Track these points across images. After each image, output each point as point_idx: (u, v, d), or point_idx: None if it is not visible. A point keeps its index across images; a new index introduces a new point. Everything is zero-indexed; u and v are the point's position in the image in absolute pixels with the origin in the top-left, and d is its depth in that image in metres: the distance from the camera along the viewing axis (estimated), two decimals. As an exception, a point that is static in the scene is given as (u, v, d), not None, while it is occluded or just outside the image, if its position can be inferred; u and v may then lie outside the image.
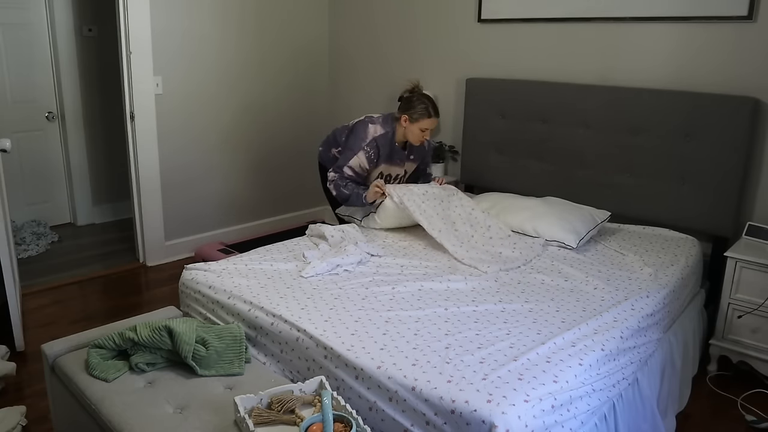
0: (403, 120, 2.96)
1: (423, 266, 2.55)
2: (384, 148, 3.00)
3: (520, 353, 1.83)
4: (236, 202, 4.47)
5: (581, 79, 3.39)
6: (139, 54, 3.72)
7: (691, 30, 3.00)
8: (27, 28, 4.45)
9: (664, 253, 2.76)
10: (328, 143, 3.28)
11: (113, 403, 1.76)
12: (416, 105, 2.92)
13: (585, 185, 3.34)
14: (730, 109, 2.83)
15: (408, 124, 2.95)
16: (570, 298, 2.26)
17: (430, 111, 2.92)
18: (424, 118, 2.92)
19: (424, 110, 2.91)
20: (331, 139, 3.27)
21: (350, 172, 2.99)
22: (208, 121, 4.18)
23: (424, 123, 2.92)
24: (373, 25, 4.41)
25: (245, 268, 2.48)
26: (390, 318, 2.05)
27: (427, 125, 2.93)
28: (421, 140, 3.00)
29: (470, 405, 1.57)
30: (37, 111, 4.62)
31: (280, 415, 1.65)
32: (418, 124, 2.93)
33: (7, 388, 2.62)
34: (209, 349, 1.94)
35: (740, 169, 2.85)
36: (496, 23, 3.72)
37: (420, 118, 2.92)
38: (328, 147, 3.26)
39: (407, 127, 2.96)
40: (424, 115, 2.91)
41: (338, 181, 2.98)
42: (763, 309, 2.65)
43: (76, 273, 3.90)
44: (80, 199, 4.85)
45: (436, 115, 2.94)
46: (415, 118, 2.92)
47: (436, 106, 2.95)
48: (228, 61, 4.19)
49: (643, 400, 2.15)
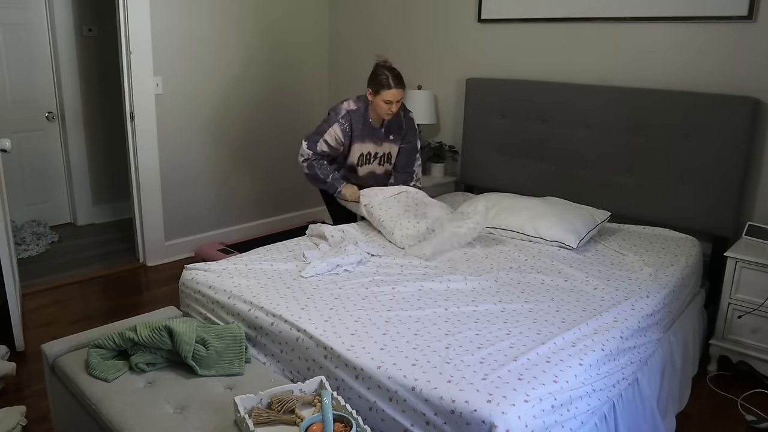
0: (368, 94, 2.98)
1: (423, 266, 2.55)
2: (357, 122, 2.99)
3: (520, 353, 1.83)
4: (236, 202, 4.47)
5: (581, 79, 3.40)
6: (139, 54, 3.72)
7: (691, 30, 3.01)
8: (27, 28, 4.45)
9: (664, 253, 2.76)
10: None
11: (113, 403, 1.76)
12: (378, 76, 2.93)
13: (585, 185, 3.34)
14: (730, 109, 2.83)
15: (373, 97, 2.96)
16: (570, 298, 2.26)
17: (390, 82, 2.90)
18: (384, 89, 2.91)
19: (384, 80, 2.90)
20: None
21: (325, 147, 2.96)
22: (208, 121, 4.18)
23: (386, 94, 2.91)
24: (373, 25, 4.41)
25: (245, 268, 2.48)
26: (390, 318, 2.05)
27: (389, 96, 2.91)
28: (388, 113, 2.97)
29: (470, 405, 1.57)
30: (37, 111, 4.62)
31: (280, 415, 1.65)
32: (380, 96, 2.93)
33: (7, 388, 2.62)
34: (209, 349, 1.94)
35: (740, 169, 2.85)
36: (496, 23, 3.72)
37: (381, 90, 2.91)
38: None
39: (373, 100, 2.97)
40: (384, 85, 2.90)
41: (312, 160, 2.96)
42: (763, 309, 2.65)
43: (76, 273, 3.90)
44: (80, 199, 4.86)
45: (397, 86, 2.91)
46: (377, 90, 2.93)
47: (399, 77, 2.93)
48: (228, 61, 4.19)
49: (643, 400, 2.15)
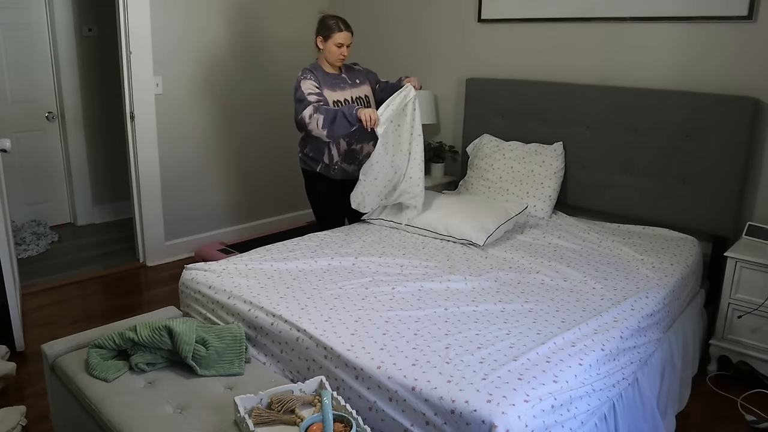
0: (319, 42, 3.04)
1: (423, 266, 2.55)
2: (318, 73, 3.02)
3: (520, 353, 1.83)
4: (236, 202, 4.47)
5: (581, 79, 3.40)
6: (139, 54, 3.72)
7: (691, 30, 3.01)
8: (27, 28, 4.45)
9: (664, 253, 2.76)
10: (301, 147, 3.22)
11: (113, 403, 1.76)
12: (327, 22, 3.01)
13: (585, 185, 3.34)
14: (730, 109, 2.83)
15: (324, 43, 3.02)
16: (570, 298, 2.26)
17: (340, 25, 2.99)
18: (335, 32, 2.98)
19: (334, 25, 2.99)
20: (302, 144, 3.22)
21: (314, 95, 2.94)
22: (208, 121, 4.18)
23: (337, 37, 2.98)
24: (374, 26, 4.41)
25: (245, 268, 2.48)
26: (390, 318, 2.05)
27: (340, 39, 2.99)
28: (340, 57, 3.02)
29: (470, 405, 1.57)
30: (37, 111, 4.62)
31: (280, 415, 1.66)
32: (332, 40, 2.99)
33: (7, 388, 2.62)
34: (209, 349, 1.94)
35: (740, 169, 2.85)
36: (496, 23, 3.72)
37: (332, 33, 2.99)
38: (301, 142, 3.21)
39: (324, 47, 3.03)
40: (335, 29, 2.98)
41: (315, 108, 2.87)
42: (763, 309, 2.65)
43: (76, 273, 3.90)
44: (80, 199, 4.86)
45: (347, 29, 3.01)
46: (328, 34, 3.00)
47: (346, 22, 3.02)
48: (228, 61, 4.19)
49: (643, 400, 2.15)
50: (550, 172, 3.28)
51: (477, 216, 2.87)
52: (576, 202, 3.39)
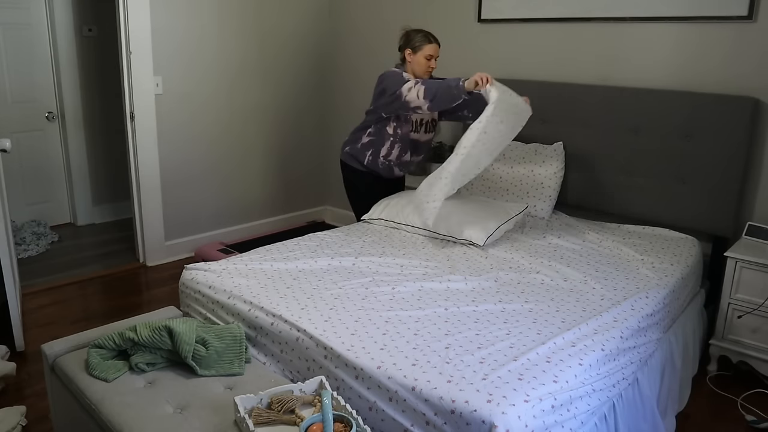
0: (407, 54, 3.05)
1: (423, 266, 2.55)
2: None
3: (520, 353, 1.83)
4: (236, 202, 4.47)
5: (581, 79, 3.40)
6: (139, 54, 3.72)
7: (691, 30, 3.01)
8: (27, 28, 4.45)
9: (664, 253, 2.76)
10: (353, 138, 3.28)
11: (113, 403, 1.76)
12: (414, 36, 3.03)
13: (585, 185, 3.34)
14: (730, 109, 2.83)
15: (413, 57, 3.03)
16: (570, 298, 2.26)
17: (429, 38, 3.02)
18: (425, 44, 3.01)
19: (423, 38, 3.02)
20: (354, 133, 3.28)
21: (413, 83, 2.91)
22: (208, 121, 4.18)
23: (427, 49, 3.01)
24: (373, 24, 4.41)
25: (245, 268, 2.48)
26: (390, 318, 2.05)
27: (430, 51, 3.01)
28: (428, 70, 3.05)
29: (470, 405, 1.57)
30: (37, 111, 4.62)
31: (280, 415, 1.66)
32: (421, 53, 3.01)
33: (7, 388, 2.62)
34: (209, 349, 1.94)
35: (740, 169, 2.85)
36: (496, 23, 3.72)
37: (422, 45, 3.01)
38: (355, 139, 3.25)
39: (413, 60, 3.04)
40: (424, 41, 3.01)
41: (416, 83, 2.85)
42: (763, 309, 2.65)
43: (76, 273, 3.90)
44: (80, 199, 4.86)
45: (436, 41, 3.04)
46: (417, 46, 3.02)
47: (433, 35, 3.04)
48: (228, 61, 4.19)
49: (643, 400, 2.15)
50: (550, 172, 3.28)
51: (477, 216, 2.87)
52: (576, 202, 3.39)
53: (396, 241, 2.86)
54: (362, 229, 3.04)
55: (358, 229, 3.05)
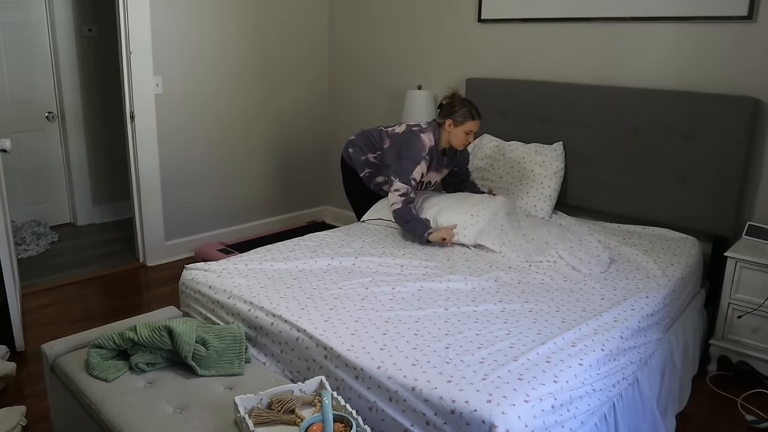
0: (448, 125, 2.99)
1: (423, 266, 2.55)
2: (434, 155, 3.04)
3: (520, 353, 1.83)
4: (236, 202, 4.47)
5: (581, 79, 3.40)
6: (139, 54, 3.72)
7: (691, 30, 3.01)
8: (27, 28, 4.45)
9: (664, 253, 2.76)
10: (359, 146, 3.24)
11: (113, 403, 1.76)
12: (459, 109, 2.96)
13: (585, 185, 3.34)
14: (730, 109, 2.83)
15: (452, 129, 2.98)
16: (570, 298, 2.26)
17: (473, 113, 2.97)
18: (468, 120, 2.95)
19: (467, 113, 2.95)
20: (363, 142, 3.24)
21: (414, 183, 2.98)
22: (208, 121, 4.18)
23: (468, 125, 2.96)
24: (374, 24, 4.41)
25: (245, 268, 2.48)
26: (390, 318, 2.05)
27: (471, 127, 2.97)
28: (465, 144, 3.02)
29: (470, 405, 1.57)
30: (37, 111, 4.62)
31: (280, 415, 1.66)
32: (462, 127, 2.96)
33: (7, 388, 2.62)
34: (209, 349, 1.94)
35: (740, 169, 2.85)
36: (496, 23, 3.72)
37: (465, 121, 2.96)
38: (361, 150, 3.22)
39: (452, 131, 2.99)
40: (468, 117, 2.95)
41: (409, 194, 2.92)
42: (763, 309, 2.65)
43: (76, 273, 3.90)
44: (80, 199, 4.86)
45: (479, 117, 2.99)
46: (460, 120, 2.96)
47: (477, 109, 3.00)
48: (228, 61, 4.19)
49: (643, 400, 2.15)
50: (550, 172, 3.28)
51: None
52: (576, 202, 3.39)
53: (396, 241, 2.86)
54: (362, 229, 3.04)
55: (358, 229, 3.05)
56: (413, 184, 2.95)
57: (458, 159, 3.26)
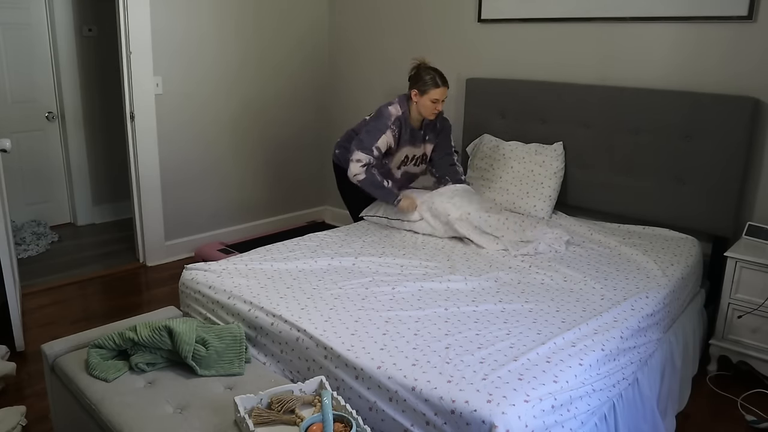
0: (414, 95, 3.01)
1: (423, 266, 2.55)
2: (404, 128, 3.04)
3: (520, 353, 1.83)
4: (236, 202, 4.47)
5: (581, 79, 3.40)
6: (139, 54, 3.72)
7: (690, 30, 3.01)
8: (27, 28, 4.45)
9: (664, 253, 2.76)
10: (344, 146, 3.26)
11: (113, 403, 1.76)
12: (423, 76, 2.98)
13: (585, 185, 3.34)
14: (730, 109, 2.83)
15: (419, 98, 3.00)
16: (570, 298, 2.26)
17: (437, 80, 2.97)
18: (431, 88, 2.96)
19: (431, 80, 2.96)
20: (347, 141, 3.26)
21: (377, 153, 2.98)
22: (208, 121, 4.18)
23: (433, 93, 2.96)
24: (373, 24, 4.41)
25: (245, 268, 2.48)
26: (390, 318, 2.05)
27: (437, 95, 2.97)
28: (433, 112, 3.02)
29: (470, 405, 1.57)
30: (37, 111, 4.62)
31: (280, 415, 1.65)
32: (428, 96, 2.97)
33: (7, 388, 2.62)
34: (209, 349, 1.94)
35: (740, 169, 2.85)
36: (496, 23, 3.72)
37: (428, 89, 2.96)
38: (346, 149, 3.23)
39: (419, 101, 3.01)
40: (431, 85, 2.96)
41: (371, 166, 2.94)
42: (763, 309, 2.65)
43: (76, 273, 3.90)
44: (80, 199, 4.86)
45: (444, 85, 2.98)
46: (424, 89, 2.97)
47: (443, 76, 3.00)
48: (228, 61, 4.19)
49: (643, 400, 2.15)
50: (550, 172, 3.28)
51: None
52: (576, 202, 3.39)
53: (396, 241, 2.86)
54: (362, 229, 3.04)
55: (358, 229, 3.05)
56: (376, 154, 2.94)
57: (438, 130, 3.26)
